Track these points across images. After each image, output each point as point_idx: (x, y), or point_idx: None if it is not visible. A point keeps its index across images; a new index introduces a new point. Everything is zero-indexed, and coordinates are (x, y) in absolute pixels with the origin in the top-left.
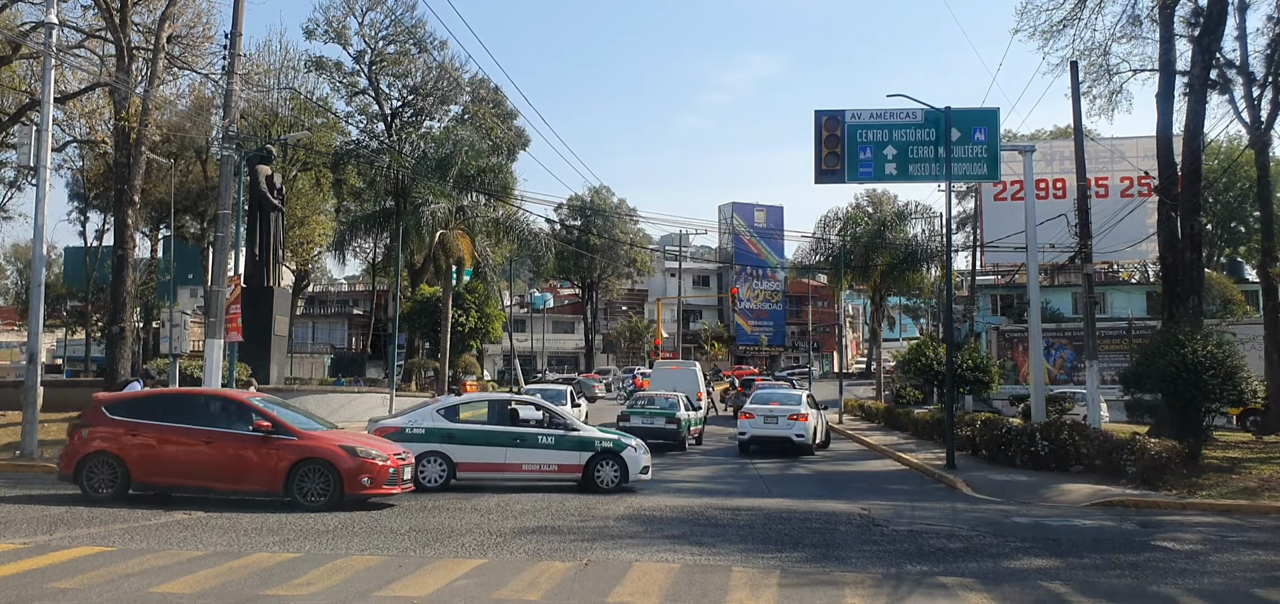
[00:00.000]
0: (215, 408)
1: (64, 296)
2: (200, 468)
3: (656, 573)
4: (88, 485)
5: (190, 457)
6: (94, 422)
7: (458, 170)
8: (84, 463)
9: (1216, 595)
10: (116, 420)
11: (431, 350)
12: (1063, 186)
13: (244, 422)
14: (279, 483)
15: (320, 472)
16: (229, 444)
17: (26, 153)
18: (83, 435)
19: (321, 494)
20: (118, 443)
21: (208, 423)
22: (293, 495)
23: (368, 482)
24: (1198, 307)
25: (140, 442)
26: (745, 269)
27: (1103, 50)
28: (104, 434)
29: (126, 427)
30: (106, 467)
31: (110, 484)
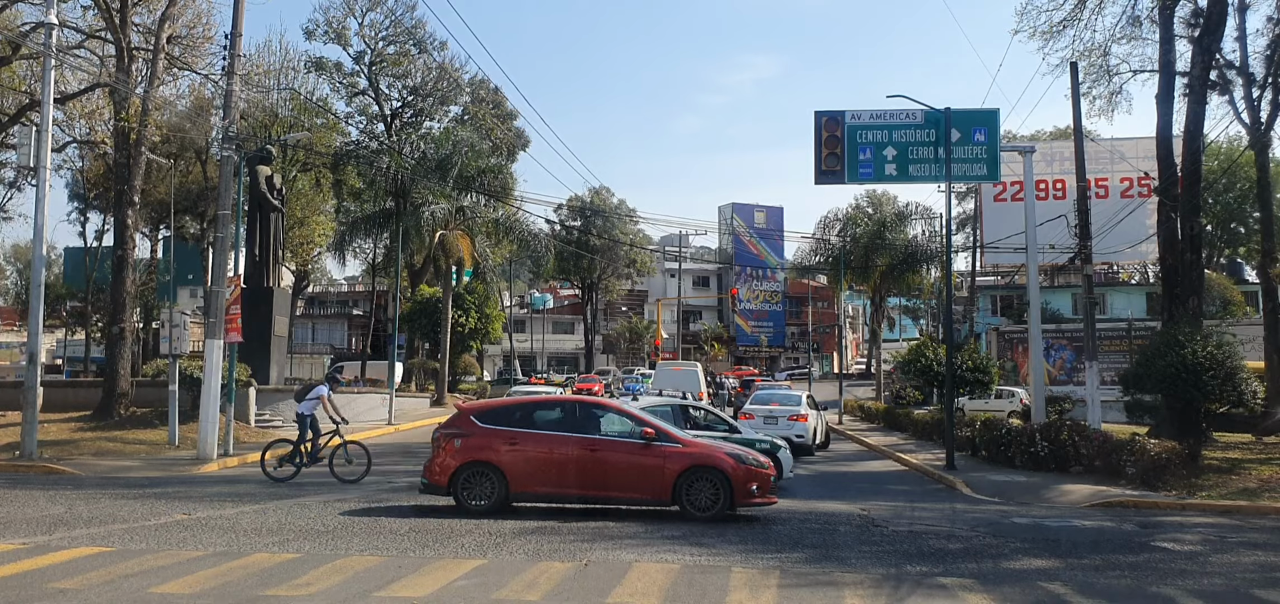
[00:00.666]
0: (593, 415)
1: (64, 297)
2: (586, 477)
3: (656, 573)
4: (464, 497)
5: (575, 466)
6: (466, 431)
7: (458, 171)
8: (460, 474)
9: (1216, 596)
10: (491, 430)
11: (431, 351)
12: (1063, 187)
13: (628, 430)
14: (667, 491)
15: (710, 480)
16: (615, 452)
17: (26, 153)
18: (455, 446)
19: (712, 504)
20: (496, 453)
21: (589, 430)
22: (682, 504)
23: (756, 489)
24: (1198, 307)
25: (520, 451)
26: (745, 270)
27: (1102, 51)
28: (479, 444)
29: (504, 436)
30: (485, 478)
31: (488, 496)
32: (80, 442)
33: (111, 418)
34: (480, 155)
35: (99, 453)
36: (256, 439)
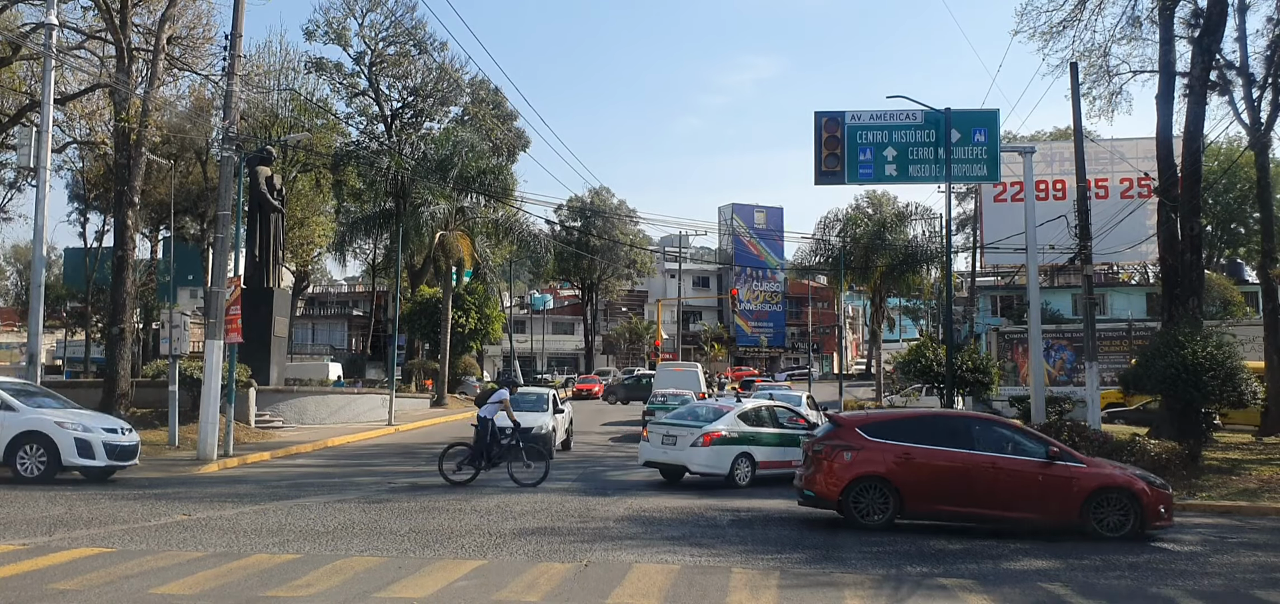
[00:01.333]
0: (992, 432)
1: (64, 298)
2: (985, 495)
3: (656, 574)
4: (855, 511)
5: (973, 483)
6: (854, 444)
7: (458, 172)
8: (852, 487)
9: (1216, 597)
10: (882, 443)
11: (431, 351)
12: (1063, 188)
13: (1028, 447)
14: (1074, 512)
15: (1119, 503)
16: (1016, 470)
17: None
18: (845, 458)
19: (1121, 525)
20: (888, 467)
21: (987, 447)
22: (1089, 525)
23: (1164, 512)
24: (1198, 308)
25: (915, 466)
26: (745, 270)
27: (1102, 51)
28: (872, 458)
29: (896, 450)
30: (877, 492)
31: (881, 511)
32: None
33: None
34: (480, 156)
35: None
36: (256, 440)
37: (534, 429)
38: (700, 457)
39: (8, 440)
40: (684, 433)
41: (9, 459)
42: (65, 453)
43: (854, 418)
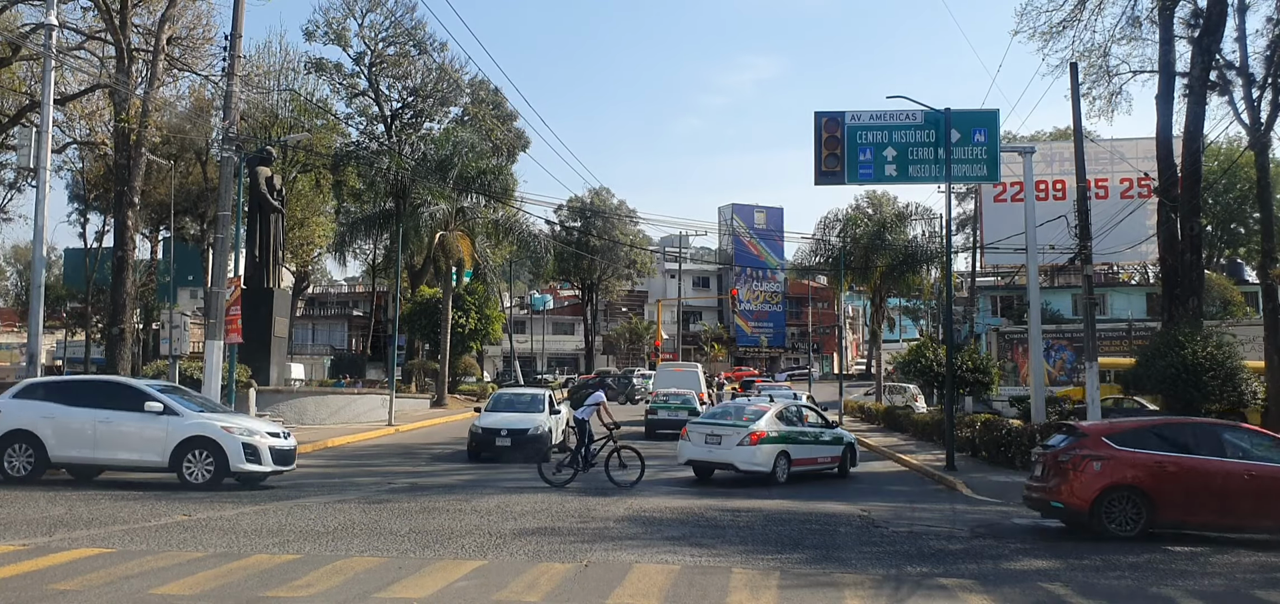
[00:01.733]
0: (1241, 438)
1: (64, 298)
2: (1239, 505)
3: (656, 574)
4: (1105, 522)
5: (1227, 492)
6: (1101, 453)
7: (458, 172)
8: (1104, 498)
9: (1217, 597)
10: (1133, 453)
11: (431, 352)
12: (1063, 188)
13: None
14: None
15: None
16: (1273, 479)
17: (26, 154)
18: (1094, 468)
19: None
20: (1141, 477)
21: (1237, 454)
22: None
23: None
24: (1198, 308)
25: (1168, 475)
26: (745, 270)
27: (1102, 52)
28: (1123, 467)
29: (1149, 460)
30: (1130, 502)
31: (1134, 522)
32: None
33: None
34: (480, 156)
35: None
36: None
37: (529, 430)
38: (747, 455)
39: (174, 446)
40: (729, 433)
41: (175, 465)
42: (233, 459)
43: (1099, 427)
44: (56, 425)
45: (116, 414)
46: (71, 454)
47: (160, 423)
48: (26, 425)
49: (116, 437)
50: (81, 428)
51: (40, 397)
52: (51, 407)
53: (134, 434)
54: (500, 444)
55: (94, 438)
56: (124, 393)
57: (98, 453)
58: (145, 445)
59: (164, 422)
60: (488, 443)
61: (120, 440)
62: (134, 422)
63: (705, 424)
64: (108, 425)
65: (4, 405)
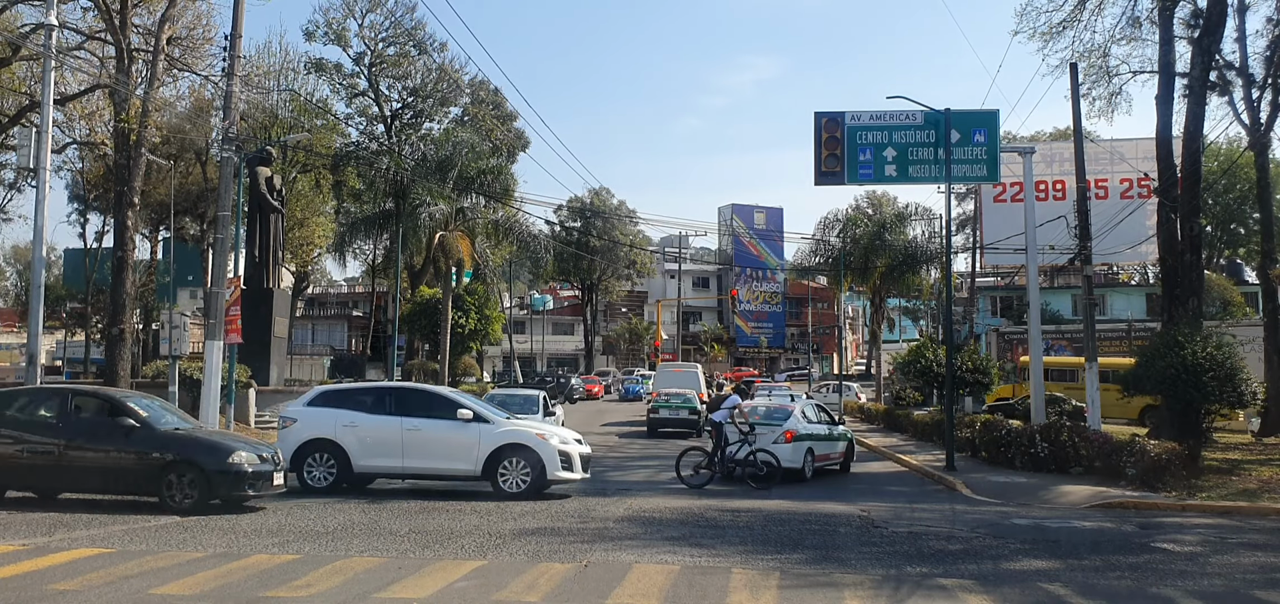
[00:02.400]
0: None
1: (63, 298)
2: None
3: (656, 575)
4: None
5: None
6: None
7: (457, 172)
8: None
9: (1216, 597)
10: None
11: (431, 352)
12: (1062, 188)
13: None
14: None
15: None
16: None
17: (26, 155)
18: None
19: None
20: None
21: None
22: None
23: None
24: (1197, 308)
25: None
26: (745, 271)
27: (1102, 52)
28: None
29: None
30: None
31: None
32: None
33: None
34: (480, 156)
35: None
36: (257, 440)
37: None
38: (783, 452)
39: (487, 454)
40: (765, 431)
41: (489, 473)
42: (550, 467)
43: None
44: (360, 434)
45: (425, 422)
46: (377, 463)
47: (472, 430)
48: (327, 434)
49: (425, 445)
50: (388, 436)
51: (337, 404)
52: (353, 414)
53: (444, 442)
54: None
55: (402, 446)
56: (433, 400)
57: (406, 462)
58: (457, 453)
59: (475, 429)
60: None
61: (430, 448)
62: (444, 429)
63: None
64: (416, 433)
65: (299, 413)
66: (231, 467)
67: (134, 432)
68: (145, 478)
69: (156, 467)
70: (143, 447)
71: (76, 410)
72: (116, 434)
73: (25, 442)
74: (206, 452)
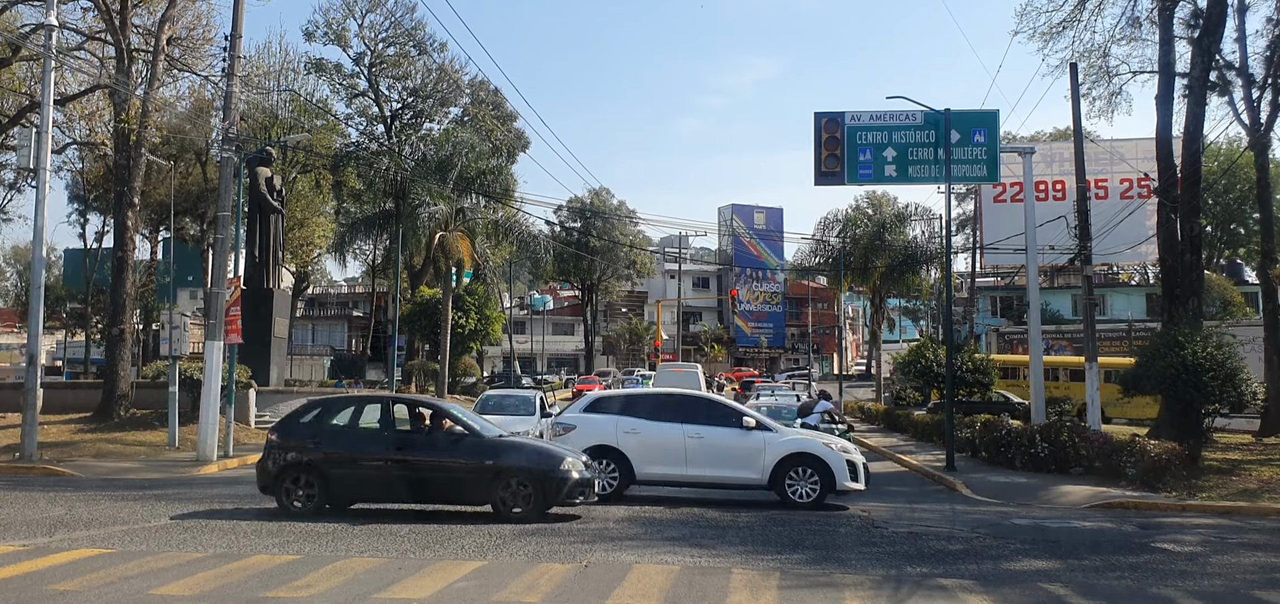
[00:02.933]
0: None
1: (63, 299)
2: None
3: (656, 575)
4: None
5: None
6: None
7: (457, 172)
8: None
9: (1216, 597)
10: None
11: (431, 352)
12: (1062, 188)
13: None
14: None
15: None
16: None
17: (26, 155)
18: None
19: None
20: None
21: None
22: None
23: None
24: (1197, 308)
25: None
26: (745, 271)
27: (1102, 52)
28: None
29: None
30: None
31: None
32: (80, 443)
33: (111, 419)
34: (480, 156)
35: (99, 454)
36: (257, 441)
37: (518, 435)
38: None
39: (774, 463)
40: None
41: (776, 483)
42: (839, 476)
43: None
44: (642, 440)
45: (707, 429)
46: (660, 470)
47: (757, 438)
48: (609, 441)
49: (709, 452)
50: (671, 443)
51: (614, 410)
52: (633, 421)
53: (729, 450)
54: None
55: (685, 453)
56: (714, 408)
57: (688, 469)
58: (742, 462)
59: (760, 437)
60: None
61: (713, 456)
62: (728, 437)
63: None
64: (699, 441)
65: (576, 420)
66: (564, 475)
67: (464, 440)
68: (479, 487)
69: (490, 475)
70: (475, 455)
71: (402, 419)
72: (446, 443)
73: (358, 453)
74: (540, 459)
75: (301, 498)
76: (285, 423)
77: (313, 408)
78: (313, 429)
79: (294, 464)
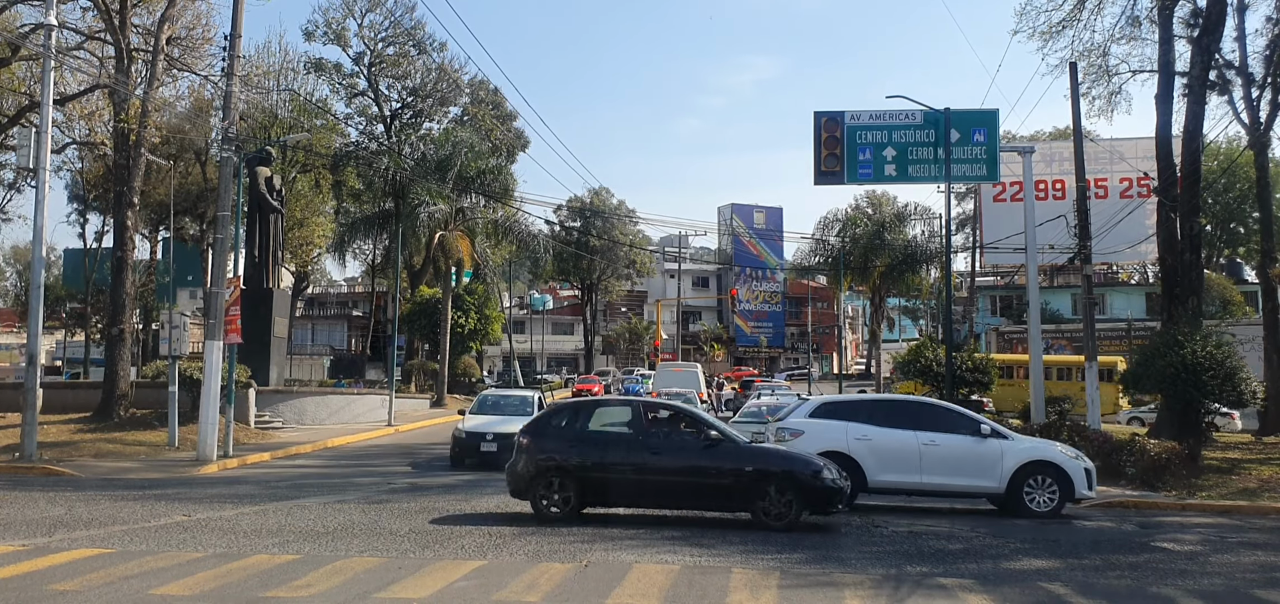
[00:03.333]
0: None
1: (63, 298)
2: None
3: (656, 574)
4: None
5: None
6: None
7: (457, 172)
8: None
9: (1216, 596)
10: None
11: (431, 352)
12: (1062, 187)
13: None
14: None
15: None
16: None
17: (26, 155)
18: None
19: None
20: None
21: None
22: None
23: None
24: (1197, 307)
25: None
26: (744, 270)
27: (1102, 51)
28: None
29: None
30: None
31: None
32: (80, 443)
33: (111, 419)
34: (480, 156)
35: (98, 454)
36: (256, 440)
37: (515, 435)
38: None
39: (1011, 471)
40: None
41: (1013, 491)
42: (1078, 485)
43: None
44: (874, 447)
45: (941, 436)
46: (893, 478)
47: (993, 446)
48: (840, 447)
49: (944, 460)
50: (904, 450)
51: (843, 416)
52: (864, 427)
53: (964, 458)
54: (485, 450)
55: (919, 461)
56: (944, 415)
57: (923, 477)
58: (978, 470)
59: (997, 445)
60: (472, 449)
61: (948, 464)
62: (963, 444)
63: (749, 425)
64: (933, 448)
65: (804, 425)
66: (826, 482)
67: (720, 444)
68: (737, 493)
69: (749, 480)
70: (733, 460)
71: (653, 423)
72: (701, 447)
73: (613, 458)
74: (802, 465)
75: (558, 502)
76: (537, 425)
77: (564, 410)
78: (567, 432)
79: (549, 467)
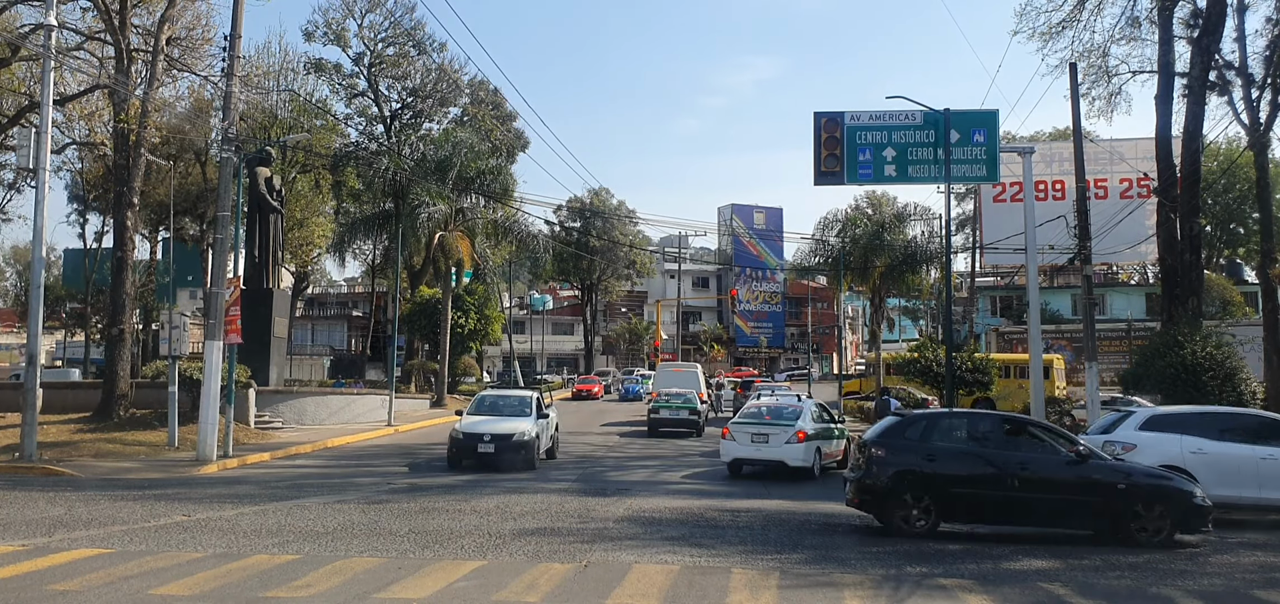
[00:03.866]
0: None
1: (63, 298)
2: None
3: (656, 575)
4: None
5: None
6: None
7: (457, 172)
8: None
9: (1216, 596)
10: None
11: (431, 352)
12: (1062, 188)
13: None
14: None
15: None
16: None
17: (26, 155)
18: None
19: None
20: None
21: None
22: None
23: None
24: (1197, 308)
25: None
26: (744, 271)
27: (1102, 52)
28: None
29: None
30: None
31: None
32: (80, 443)
33: (111, 419)
34: (479, 156)
35: (98, 454)
36: (256, 441)
37: (513, 436)
38: (796, 452)
39: None
40: (777, 432)
41: None
42: None
43: None
44: (1209, 461)
45: (1277, 450)
46: (1229, 493)
47: None
48: (1175, 461)
49: None
50: (1242, 465)
51: (1174, 428)
52: (1198, 441)
53: None
54: (483, 451)
55: (1258, 476)
56: None
57: (1263, 493)
58: None
59: None
60: (469, 450)
61: None
62: None
63: (750, 425)
64: (1273, 463)
65: (1138, 439)
66: (1197, 500)
67: (1089, 459)
68: (1107, 511)
69: (1121, 498)
70: (1102, 476)
71: (1011, 435)
72: (1067, 462)
73: (975, 471)
74: (1177, 485)
75: (918, 517)
76: (890, 435)
77: (917, 421)
78: (920, 444)
79: (905, 480)
